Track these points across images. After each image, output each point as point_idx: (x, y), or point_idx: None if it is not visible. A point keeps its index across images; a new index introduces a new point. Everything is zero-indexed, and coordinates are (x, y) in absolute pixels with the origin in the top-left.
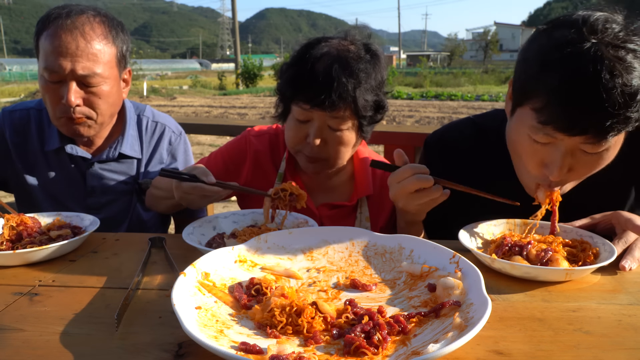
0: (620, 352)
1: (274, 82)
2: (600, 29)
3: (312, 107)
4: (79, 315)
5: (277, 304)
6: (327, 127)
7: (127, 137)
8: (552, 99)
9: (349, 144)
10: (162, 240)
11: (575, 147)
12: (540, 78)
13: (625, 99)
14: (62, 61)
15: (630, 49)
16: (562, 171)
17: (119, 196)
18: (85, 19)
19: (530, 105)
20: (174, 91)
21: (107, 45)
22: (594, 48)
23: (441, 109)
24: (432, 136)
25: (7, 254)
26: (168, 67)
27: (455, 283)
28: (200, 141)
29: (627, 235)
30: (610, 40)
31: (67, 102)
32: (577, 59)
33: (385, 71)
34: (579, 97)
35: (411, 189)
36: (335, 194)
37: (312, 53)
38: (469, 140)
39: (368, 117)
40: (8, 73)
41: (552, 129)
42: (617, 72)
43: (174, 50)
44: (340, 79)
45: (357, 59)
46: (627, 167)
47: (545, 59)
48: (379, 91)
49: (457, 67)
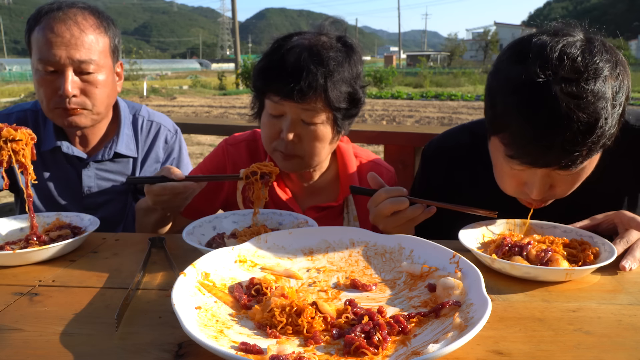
0: (620, 352)
1: None
2: (555, 63)
3: (283, 99)
4: (79, 315)
5: (277, 304)
6: (301, 121)
7: (123, 137)
8: (514, 139)
9: (324, 140)
10: (162, 240)
11: (550, 171)
12: (503, 118)
13: (583, 134)
14: (57, 50)
15: (590, 77)
16: (542, 190)
17: (116, 196)
18: (76, 10)
19: (499, 139)
20: (174, 91)
21: (100, 35)
22: (549, 88)
23: (441, 109)
24: (429, 146)
25: (7, 254)
26: (168, 67)
27: (455, 283)
28: (200, 141)
29: (629, 234)
30: (567, 75)
31: (64, 92)
32: (532, 101)
33: (361, 64)
34: (538, 137)
35: (386, 213)
36: (321, 196)
37: (284, 45)
38: (466, 148)
39: (343, 110)
40: (8, 73)
41: (519, 164)
42: (573, 110)
43: (174, 50)
44: (309, 67)
45: (328, 48)
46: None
47: (504, 101)
48: (354, 83)
49: (457, 67)
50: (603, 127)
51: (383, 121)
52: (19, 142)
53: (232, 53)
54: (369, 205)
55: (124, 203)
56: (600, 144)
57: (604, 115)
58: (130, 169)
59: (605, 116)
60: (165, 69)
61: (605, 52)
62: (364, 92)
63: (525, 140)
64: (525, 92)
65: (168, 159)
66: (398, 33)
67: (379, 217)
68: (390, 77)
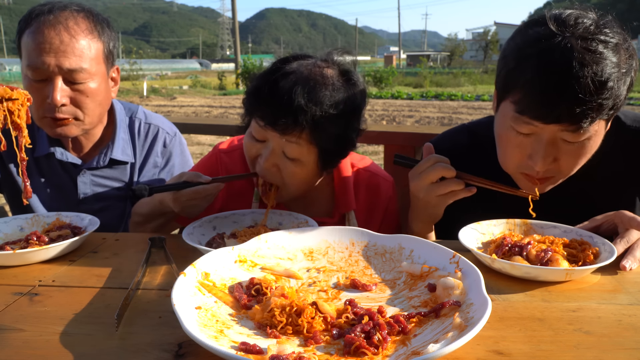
0: (620, 352)
1: None
2: (571, 24)
3: (265, 125)
4: (79, 315)
5: (277, 304)
6: (282, 152)
7: (118, 141)
8: (527, 90)
9: (305, 177)
10: (162, 240)
11: (556, 137)
12: (516, 72)
13: (595, 87)
14: (46, 57)
15: (600, 40)
16: (546, 161)
17: (113, 202)
18: (68, 14)
19: (510, 99)
20: (174, 91)
21: (93, 41)
22: (564, 41)
23: (441, 109)
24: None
25: (7, 254)
26: (168, 67)
27: (455, 283)
28: (200, 141)
29: (629, 234)
30: (581, 34)
31: (52, 100)
32: (548, 52)
33: (364, 102)
34: (551, 87)
35: (433, 178)
36: (314, 207)
37: (282, 68)
38: (464, 148)
39: (329, 150)
40: (8, 73)
41: (529, 118)
42: (587, 62)
43: (174, 50)
44: (300, 103)
45: (326, 85)
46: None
47: (521, 55)
48: (347, 125)
49: (457, 67)
50: (613, 87)
51: (383, 121)
52: (15, 101)
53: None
54: (411, 173)
55: (121, 210)
56: (608, 105)
57: (614, 75)
58: (127, 175)
59: (614, 77)
60: (165, 69)
61: (616, 26)
62: (359, 133)
63: (537, 90)
64: (542, 44)
65: (168, 163)
66: (398, 33)
67: (423, 183)
68: (390, 77)
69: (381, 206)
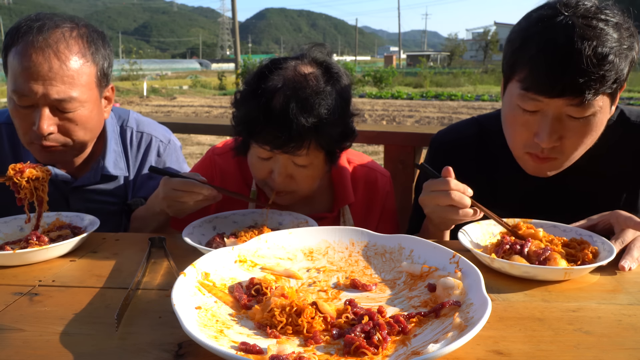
0: (620, 352)
1: None
2: (573, 5)
3: (272, 150)
4: (79, 315)
5: (277, 304)
6: (292, 163)
7: (110, 155)
8: (532, 67)
9: (318, 175)
10: (162, 240)
11: (561, 113)
12: (521, 51)
13: (597, 59)
14: (33, 85)
15: (601, 18)
16: (552, 137)
17: (107, 218)
18: (59, 35)
19: (516, 77)
20: (174, 91)
21: (86, 65)
22: (566, 20)
23: (441, 109)
24: (437, 136)
25: (7, 254)
26: (168, 67)
27: (455, 283)
28: (200, 141)
29: (624, 234)
30: (583, 13)
31: (38, 130)
32: (551, 29)
33: (349, 91)
34: (555, 61)
35: (441, 203)
36: (314, 206)
37: (266, 88)
38: (473, 140)
39: (336, 147)
40: None
41: (534, 94)
42: (588, 37)
43: (174, 50)
44: (299, 121)
45: (316, 92)
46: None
47: (525, 34)
48: (346, 119)
49: (457, 67)
50: (614, 61)
51: (383, 121)
52: (39, 180)
53: (232, 53)
54: (427, 185)
55: (116, 225)
56: (611, 78)
57: (615, 49)
58: (121, 189)
59: (615, 51)
60: (165, 69)
61: (617, 9)
62: (353, 121)
63: (541, 65)
64: (545, 22)
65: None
66: (398, 33)
67: (430, 202)
68: (390, 77)
69: (379, 201)
